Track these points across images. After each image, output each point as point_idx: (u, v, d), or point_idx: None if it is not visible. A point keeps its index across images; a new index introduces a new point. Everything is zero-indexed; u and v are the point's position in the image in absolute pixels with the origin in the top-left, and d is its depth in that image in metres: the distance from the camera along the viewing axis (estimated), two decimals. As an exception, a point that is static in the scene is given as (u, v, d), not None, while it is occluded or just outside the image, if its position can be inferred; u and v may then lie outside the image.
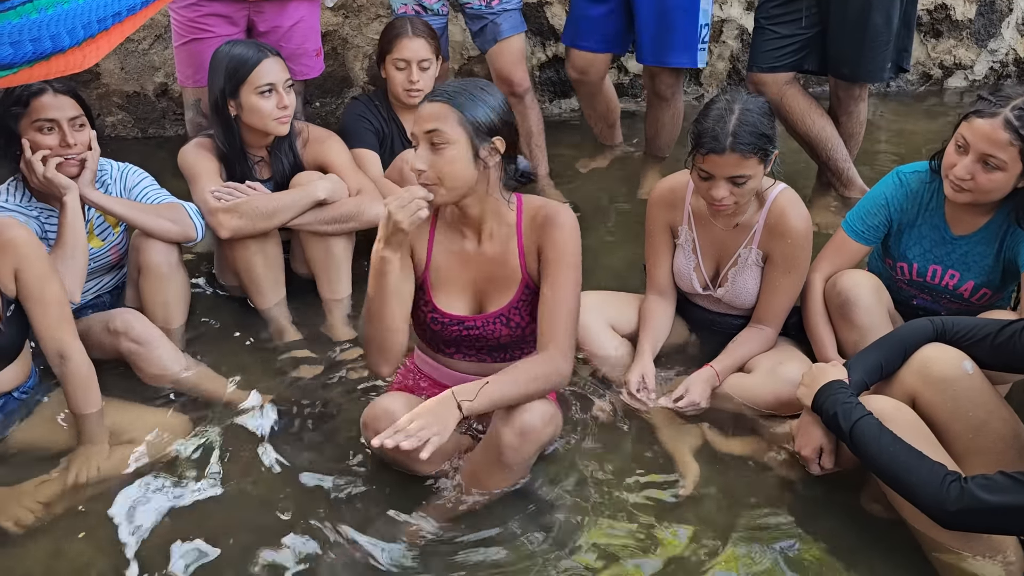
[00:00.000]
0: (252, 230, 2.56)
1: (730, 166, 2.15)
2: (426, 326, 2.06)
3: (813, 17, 3.12)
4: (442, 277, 2.02)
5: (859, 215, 2.38)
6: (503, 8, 3.22)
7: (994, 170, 2.09)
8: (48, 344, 2.13)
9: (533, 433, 1.89)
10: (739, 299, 2.41)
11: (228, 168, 2.66)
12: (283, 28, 3.00)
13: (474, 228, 2.00)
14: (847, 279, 2.30)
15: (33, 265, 2.09)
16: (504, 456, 1.90)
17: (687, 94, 4.45)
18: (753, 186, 2.21)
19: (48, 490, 2.03)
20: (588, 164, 3.78)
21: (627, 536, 1.95)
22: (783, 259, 2.31)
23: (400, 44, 2.92)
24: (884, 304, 2.31)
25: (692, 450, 2.19)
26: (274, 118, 2.58)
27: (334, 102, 4.21)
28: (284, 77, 2.59)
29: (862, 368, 1.98)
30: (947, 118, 4.36)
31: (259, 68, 2.54)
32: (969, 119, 2.11)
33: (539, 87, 4.31)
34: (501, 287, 2.01)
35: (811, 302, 2.37)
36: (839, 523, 1.99)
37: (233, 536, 1.94)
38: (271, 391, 2.40)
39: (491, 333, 2.03)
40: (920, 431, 1.86)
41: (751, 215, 2.34)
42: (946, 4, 4.52)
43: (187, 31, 2.94)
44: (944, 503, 1.69)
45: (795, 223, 2.28)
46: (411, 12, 3.17)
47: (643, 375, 2.31)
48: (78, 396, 2.15)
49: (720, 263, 2.42)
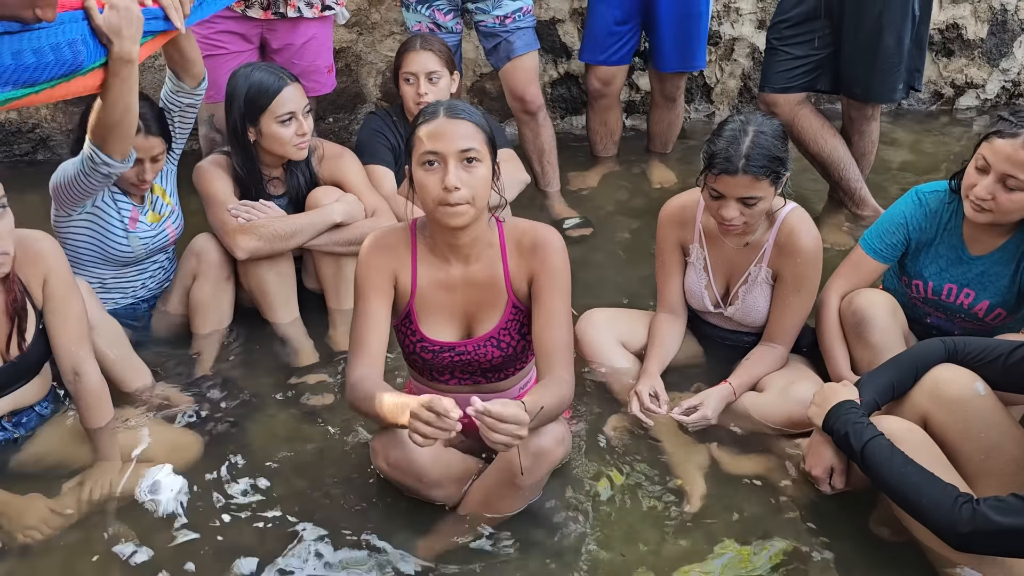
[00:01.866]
0: (269, 251, 2.58)
1: (742, 187, 2.16)
2: (416, 356, 2.03)
3: (826, 38, 3.14)
4: (428, 305, 2.00)
5: (877, 233, 2.39)
6: (517, 26, 3.25)
7: (1014, 191, 2.10)
8: (65, 359, 2.13)
9: (547, 455, 1.89)
10: (749, 317, 2.41)
11: (242, 186, 2.67)
12: (295, 46, 3.04)
13: (462, 252, 1.97)
14: (863, 298, 2.30)
15: (59, 277, 2.12)
16: (517, 479, 1.89)
17: (698, 112, 4.47)
18: (764, 207, 2.22)
19: (62, 504, 2.04)
20: (583, 180, 3.77)
21: (632, 554, 1.95)
22: (793, 278, 2.31)
23: (408, 58, 2.94)
24: (899, 324, 2.30)
25: (699, 468, 2.19)
26: (294, 144, 2.60)
27: (347, 118, 4.24)
28: (303, 104, 2.60)
29: (873, 388, 1.98)
30: (957, 137, 4.36)
31: (280, 97, 2.55)
32: (990, 139, 2.12)
33: (551, 104, 4.33)
34: (488, 309, 2.00)
35: (826, 320, 2.36)
36: (851, 544, 1.98)
37: (241, 556, 1.94)
38: (284, 409, 2.41)
39: (483, 356, 2.02)
40: (931, 452, 1.85)
41: (761, 234, 2.34)
42: (958, 23, 4.52)
43: (201, 48, 2.96)
44: (956, 525, 1.68)
45: (805, 242, 2.29)
46: (425, 30, 3.19)
47: (653, 387, 2.31)
48: (91, 412, 2.16)
49: (731, 281, 2.42)
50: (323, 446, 2.28)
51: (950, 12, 4.50)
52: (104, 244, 2.51)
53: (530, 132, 3.42)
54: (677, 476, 2.16)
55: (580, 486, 2.12)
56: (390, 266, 1.97)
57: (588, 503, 2.07)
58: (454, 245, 1.96)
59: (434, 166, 1.84)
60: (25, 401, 2.15)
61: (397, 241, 2.00)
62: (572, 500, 2.08)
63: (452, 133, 1.83)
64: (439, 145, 1.83)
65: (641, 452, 2.24)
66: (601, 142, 3.85)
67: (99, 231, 2.50)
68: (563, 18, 4.17)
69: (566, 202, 3.50)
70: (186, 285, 2.63)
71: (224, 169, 2.67)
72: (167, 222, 2.63)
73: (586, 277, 3.03)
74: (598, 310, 2.51)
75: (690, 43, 3.45)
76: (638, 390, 2.31)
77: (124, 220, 2.52)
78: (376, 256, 1.97)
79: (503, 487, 1.93)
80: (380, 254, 1.97)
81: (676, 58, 3.48)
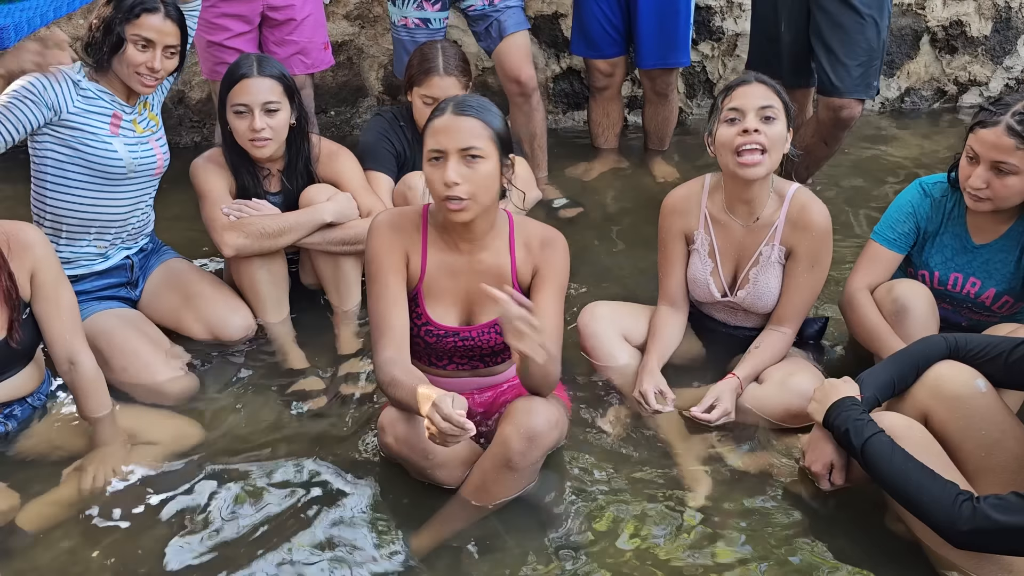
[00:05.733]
0: (256, 250, 2.54)
1: (759, 96, 2.22)
2: (420, 339, 2.05)
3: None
4: (435, 289, 2.03)
5: (888, 224, 2.39)
6: (506, 4, 3.26)
7: (1007, 175, 2.13)
8: (59, 349, 2.14)
9: (540, 438, 1.91)
10: (760, 300, 2.39)
11: (239, 182, 2.64)
12: (294, 23, 3.15)
13: (472, 240, 2.01)
14: (904, 287, 2.30)
15: (49, 268, 2.11)
16: (512, 461, 1.91)
17: (700, 108, 4.46)
18: (781, 132, 2.23)
19: (64, 492, 2.04)
20: (591, 170, 3.78)
21: (635, 550, 1.94)
22: (807, 254, 2.31)
23: (431, 82, 2.82)
24: (935, 319, 2.30)
25: (702, 462, 2.19)
26: (248, 139, 2.53)
27: (348, 111, 4.23)
28: (264, 100, 2.49)
29: (874, 384, 1.97)
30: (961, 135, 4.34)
31: (239, 85, 2.49)
32: (975, 130, 2.17)
33: (552, 98, 4.32)
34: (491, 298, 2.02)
35: (860, 305, 2.33)
36: (849, 540, 1.98)
37: (243, 541, 1.95)
38: (281, 403, 2.41)
39: (486, 343, 2.05)
40: (932, 449, 1.85)
41: (771, 211, 2.34)
42: (961, 20, 4.51)
43: (205, 30, 3.08)
44: (956, 522, 1.68)
45: (818, 216, 2.31)
46: (411, 26, 3.18)
47: (658, 385, 2.31)
48: (88, 401, 2.16)
49: (739, 265, 2.41)
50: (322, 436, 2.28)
51: (954, 9, 4.48)
52: (88, 151, 2.41)
53: (523, 116, 3.40)
54: (679, 469, 2.16)
55: (580, 481, 2.12)
56: (403, 246, 2.01)
57: (588, 498, 2.07)
58: (463, 234, 2.00)
59: (439, 162, 1.89)
60: (17, 392, 2.15)
61: (409, 223, 2.03)
62: (571, 495, 2.07)
63: (456, 129, 1.88)
64: (442, 142, 1.88)
65: (643, 445, 2.24)
66: (603, 134, 3.85)
67: (79, 139, 2.40)
68: (566, 12, 4.15)
69: (558, 189, 3.51)
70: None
71: (220, 165, 2.63)
72: (152, 139, 2.55)
73: (587, 270, 3.03)
74: (601, 303, 2.51)
75: (671, 39, 3.44)
76: (643, 391, 2.30)
77: (105, 123, 2.43)
78: (389, 235, 2.00)
79: (499, 470, 1.94)
80: (393, 233, 2.00)
81: (656, 54, 3.47)
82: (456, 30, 3.93)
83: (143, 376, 2.36)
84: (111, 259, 2.57)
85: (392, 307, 1.97)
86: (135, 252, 2.63)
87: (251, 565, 1.89)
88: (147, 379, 2.36)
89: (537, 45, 4.20)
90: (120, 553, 1.92)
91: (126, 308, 2.55)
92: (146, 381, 2.36)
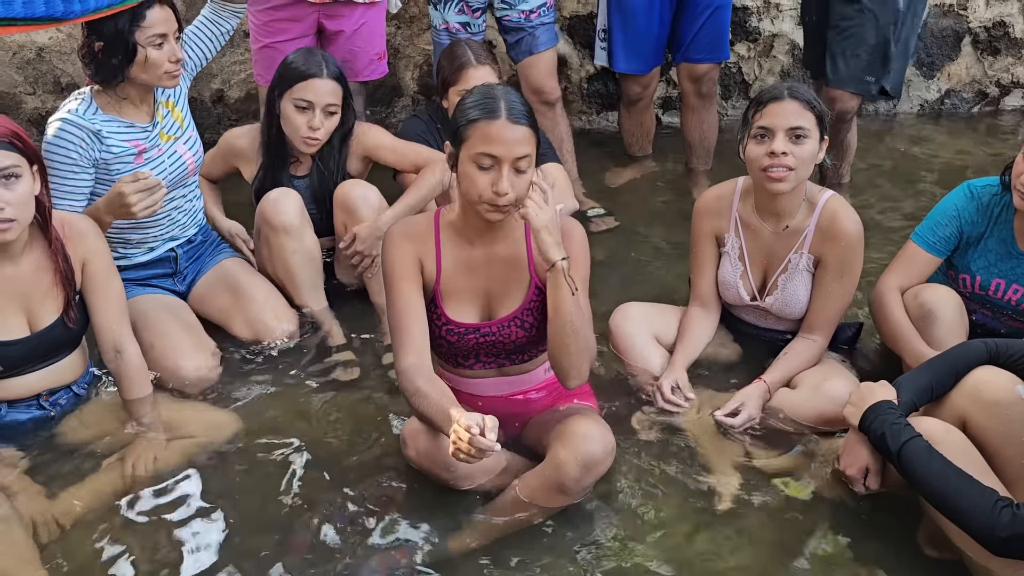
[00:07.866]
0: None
1: (790, 115, 2.18)
2: (442, 340, 2.04)
3: None
4: (452, 287, 2.02)
5: (930, 226, 2.36)
6: (541, 21, 3.30)
7: None
8: (106, 337, 2.19)
9: (597, 466, 1.92)
10: (788, 307, 2.38)
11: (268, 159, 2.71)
12: (348, 32, 3.15)
13: (490, 234, 1.99)
14: (932, 292, 2.28)
15: (100, 258, 2.17)
16: (565, 487, 1.91)
17: (735, 109, 4.43)
18: (811, 150, 2.21)
19: (104, 480, 2.08)
20: (620, 177, 3.78)
21: (663, 551, 1.94)
22: (837, 263, 2.29)
23: (466, 75, 2.84)
24: (964, 324, 2.27)
25: (732, 464, 2.18)
26: (301, 135, 2.60)
27: (384, 111, 4.26)
28: (327, 101, 2.58)
29: (912, 389, 1.95)
30: (1003, 138, 4.28)
31: (307, 83, 2.57)
32: None
33: (586, 99, 4.32)
34: (511, 290, 2.02)
35: (889, 309, 2.31)
36: (883, 545, 1.96)
37: (266, 538, 1.97)
38: (316, 395, 2.44)
39: (507, 337, 2.03)
40: (970, 455, 1.83)
41: (802, 219, 2.32)
42: (1004, 21, 4.44)
43: (262, 34, 3.12)
44: (995, 529, 1.66)
45: (848, 225, 2.28)
46: (452, 31, 3.22)
47: (676, 380, 2.31)
48: (132, 388, 2.22)
49: (768, 271, 2.40)
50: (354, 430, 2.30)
51: (997, 9, 4.41)
52: None
53: (548, 123, 3.43)
54: (709, 472, 2.15)
55: (610, 480, 2.11)
56: (415, 252, 2.00)
57: (617, 497, 2.07)
58: (484, 229, 1.99)
59: (487, 168, 1.85)
60: (63, 379, 2.20)
61: (419, 230, 2.02)
62: (601, 494, 2.07)
63: (512, 139, 1.84)
64: (498, 150, 1.83)
65: (673, 446, 2.23)
66: (637, 143, 3.86)
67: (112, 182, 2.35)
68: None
69: (592, 198, 3.51)
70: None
71: (252, 139, 2.73)
72: (180, 143, 2.55)
73: (620, 272, 3.04)
74: (632, 304, 2.51)
75: (721, 33, 3.46)
76: (660, 384, 2.31)
77: (130, 160, 2.43)
78: (401, 245, 1.99)
79: (550, 492, 1.94)
80: (404, 242, 2.00)
81: (708, 48, 3.45)
82: (492, 31, 3.94)
83: (168, 357, 2.39)
84: (155, 251, 2.62)
85: (409, 314, 1.95)
86: (181, 243, 2.66)
87: (284, 557, 1.91)
88: (171, 362, 2.39)
89: (572, 45, 4.21)
90: (154, 542, 1.95)
91: (167, 295, 2.60)
92: (170, 364, 2.39)
